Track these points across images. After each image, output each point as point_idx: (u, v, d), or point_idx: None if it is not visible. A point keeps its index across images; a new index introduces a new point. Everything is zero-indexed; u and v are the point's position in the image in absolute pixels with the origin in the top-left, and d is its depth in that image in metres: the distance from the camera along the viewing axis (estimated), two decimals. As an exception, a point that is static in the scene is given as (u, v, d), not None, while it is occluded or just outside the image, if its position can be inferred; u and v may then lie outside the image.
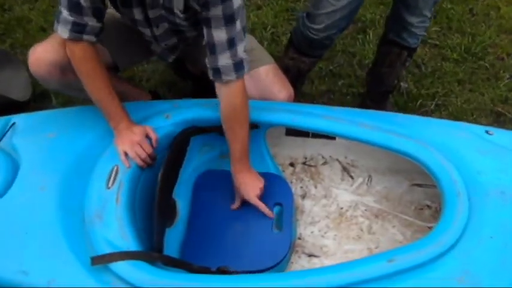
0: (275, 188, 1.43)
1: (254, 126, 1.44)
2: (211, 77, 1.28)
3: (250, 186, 1.38)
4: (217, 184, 1.44)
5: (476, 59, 2.23)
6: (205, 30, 1.23)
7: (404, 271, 1.09)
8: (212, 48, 1.24)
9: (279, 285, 1.08)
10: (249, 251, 1.31)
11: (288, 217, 1.39)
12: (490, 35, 2.30)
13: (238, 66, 1.26)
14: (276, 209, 1.41)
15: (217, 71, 1.26)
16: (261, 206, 1.38)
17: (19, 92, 1.92)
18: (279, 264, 1.30)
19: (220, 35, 1.22)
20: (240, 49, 1.25)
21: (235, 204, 1.41)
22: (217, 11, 1.19)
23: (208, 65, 1.27)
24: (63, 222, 1.21)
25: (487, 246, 1.15)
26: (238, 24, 1.22)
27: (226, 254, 1.32)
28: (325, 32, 1.59)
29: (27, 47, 1.99)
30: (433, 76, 2.16)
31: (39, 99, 1.98)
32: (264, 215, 1.38)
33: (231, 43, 1.23)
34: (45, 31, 2.20)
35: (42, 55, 1.35)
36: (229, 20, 1.20)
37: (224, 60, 1.24)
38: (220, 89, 1.29)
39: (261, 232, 1.36)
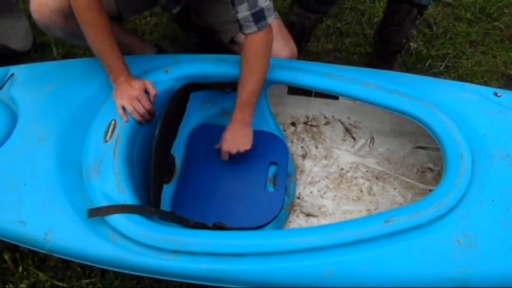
0: (272, 147, 1.41)
1: (256, 83, 1.40)
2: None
3: (233, 142, 1.32)
4: (212, 138, 1.40)
5: (491, 20, 2.15)
6: None
7: (402, 232, 1.08)
8: (232, 0, 1.21)
9: (274, 243, 1.08)
10: (242, 209, 1.31)
11: (283, 176, 1.38)
12: (507, -6, 2.21)
13: (258, 16, 1.21)
14: (272, 168, 1.40)
15: (240, 25, 1.23)
16: (223, 155, 1.34)
17: (19, 41, 1.88)
18: (270, 223, 1.30)
19: None
20: None
21: (223, 156, 1.36)
22: None
23: (234, 19, 1.24)
24: (61, 174, 1.21)
25: (487, 209, 1.13)
26: None
27: (219, 211, 1.32)
28: None
29: (27, -5, 1.95)
30: (444, 37, 2.09)
31: (39, 49, 1.95)
32: (258, 173, 1.36)
33: None
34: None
35: (44, 1, 1.30)
36: None
37: (243, 12, 1.20)
38: (244, 40, 1.26)
39: (255, 190, 1.36)
